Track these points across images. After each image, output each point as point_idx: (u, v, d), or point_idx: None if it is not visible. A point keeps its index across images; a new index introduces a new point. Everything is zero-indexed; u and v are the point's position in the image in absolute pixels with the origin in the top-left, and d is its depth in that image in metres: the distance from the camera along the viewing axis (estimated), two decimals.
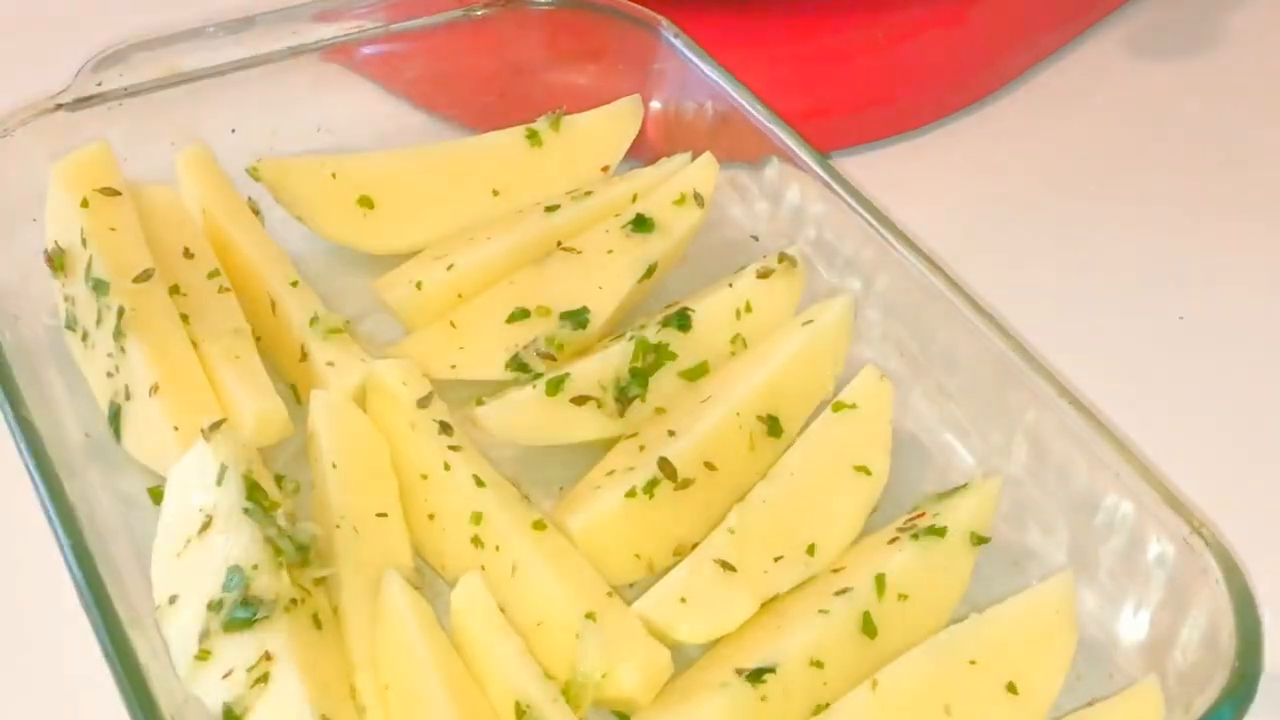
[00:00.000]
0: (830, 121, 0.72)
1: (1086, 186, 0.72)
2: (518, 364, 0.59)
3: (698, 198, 0.64)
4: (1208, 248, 0.68)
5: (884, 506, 0.55)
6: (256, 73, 0.66)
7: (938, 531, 0.52)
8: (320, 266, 0.64)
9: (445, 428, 0.55)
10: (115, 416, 0.57)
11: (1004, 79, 0.76)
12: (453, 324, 0.60)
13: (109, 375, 0.58)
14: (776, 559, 0.52)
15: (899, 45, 0.73)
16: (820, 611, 0.50)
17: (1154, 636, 0.50)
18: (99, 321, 0.58)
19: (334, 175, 0.65)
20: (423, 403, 0.55)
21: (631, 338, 0.58)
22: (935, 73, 0.74)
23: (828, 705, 0.48)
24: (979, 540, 0.52)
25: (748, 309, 0.60)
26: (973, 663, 0.49)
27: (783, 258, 0.61)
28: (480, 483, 0.53)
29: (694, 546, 0.53)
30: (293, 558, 0.50)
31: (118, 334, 0.57)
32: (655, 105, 0.68)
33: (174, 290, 0.60)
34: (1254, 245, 0.69)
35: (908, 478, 0.56)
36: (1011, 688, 0.48)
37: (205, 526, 0.51)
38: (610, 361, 0.58)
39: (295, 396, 0.59)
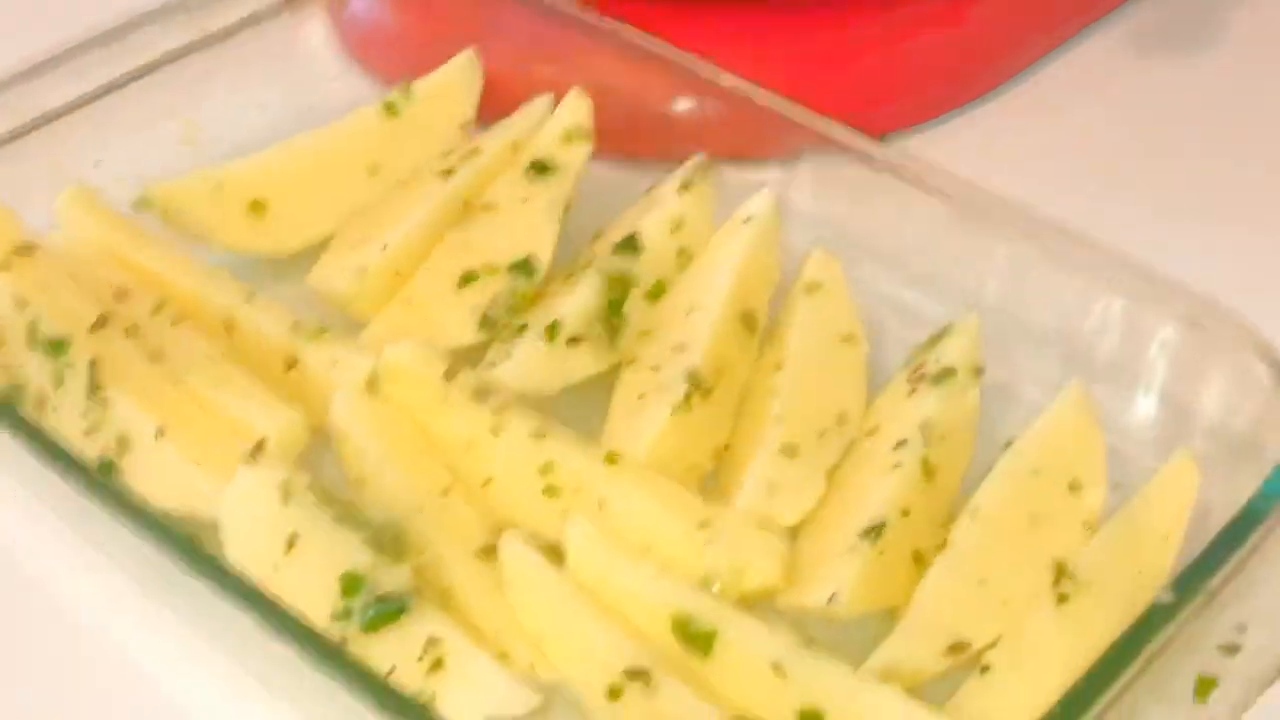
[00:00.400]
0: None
1: (1086, 186, 0.71)
2: (488, 323, 0.60)
3: (583, 131, 0.66)
4: (1208, 248, 0.66)
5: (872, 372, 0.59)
6: (104, 100, 0.65)
7: (950, 372, 0.57)
8: None
9: (480, 394, 0.56)
10: (109, 471, 0.55)
11: (1003, 78, 0.76)
12: (410, 301, 0.61)
13: (86, 434, 0.56)
14: (820, 435, 0.56)
15: (898, 44, 0.73)
16: (894, 466, 0.54)
17: (1172, 422, 0.56)
18: (58, 384, 0.57)
19: (220, 187, 0.64)
20: (449, 374, 0.56)
21: (594, 271, 0.60)
22: (935, 71, 0.74)
23: (918, 550, 0.53)
24: (977, 372, 0.58)
25: (681, 222, 0.63)
26: (1036, 473, 0.54)
27: (696, 167, 0.64)
28: (540, 434, 0.55)
29: (727, 446, 0.57)
30: (399, 549, 0.51)
31: (93, 389, 0.56)
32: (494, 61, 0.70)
33: (129, 332, 0.58)
34: (1254, 245, 0.69)
35: (886, 340, 0.60)
36: (1073, 487, 0.54)
37: (290, 546, 0.51)
38: (585, 298, 0.60)
39: None
